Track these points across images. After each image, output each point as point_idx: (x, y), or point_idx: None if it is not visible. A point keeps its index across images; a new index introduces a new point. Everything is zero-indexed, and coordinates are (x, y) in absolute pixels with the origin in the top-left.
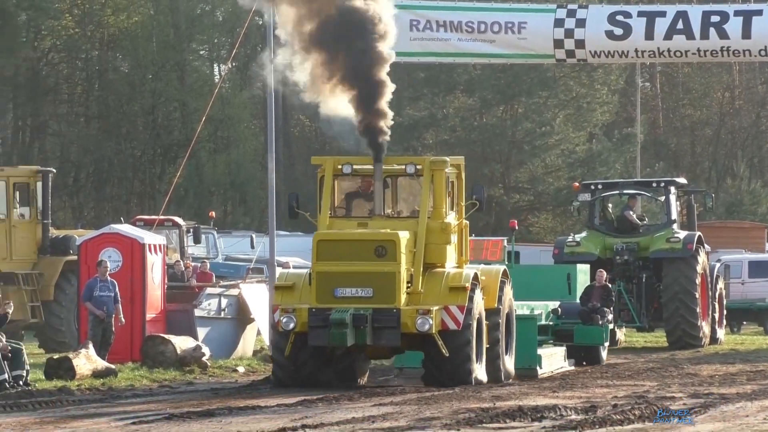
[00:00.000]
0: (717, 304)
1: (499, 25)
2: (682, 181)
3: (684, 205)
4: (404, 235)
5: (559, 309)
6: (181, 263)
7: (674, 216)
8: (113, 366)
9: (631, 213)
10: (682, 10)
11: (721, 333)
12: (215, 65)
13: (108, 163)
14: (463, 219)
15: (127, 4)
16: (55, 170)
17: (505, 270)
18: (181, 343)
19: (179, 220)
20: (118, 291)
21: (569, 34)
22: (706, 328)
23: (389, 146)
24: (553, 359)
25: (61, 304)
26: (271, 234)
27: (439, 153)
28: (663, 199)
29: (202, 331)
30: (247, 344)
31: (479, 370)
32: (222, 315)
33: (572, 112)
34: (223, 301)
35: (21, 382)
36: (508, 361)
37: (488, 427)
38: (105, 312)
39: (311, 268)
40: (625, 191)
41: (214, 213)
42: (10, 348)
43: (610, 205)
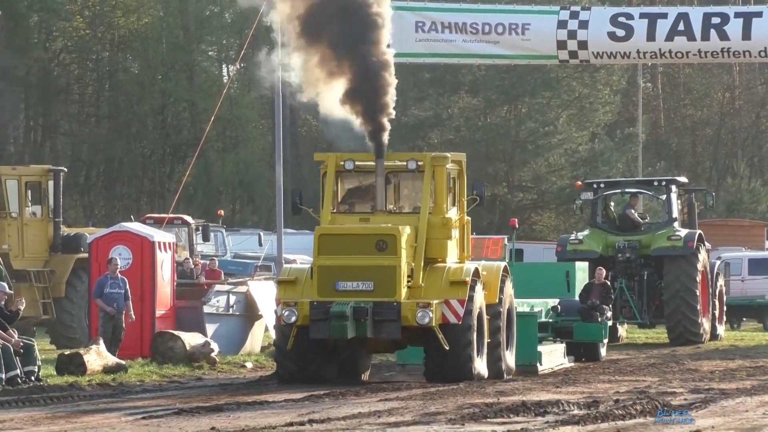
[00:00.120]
0: (717, 301)
1: (503, 27)
2: (683, 180)
3: (685, 203)
4: (405, 229)
5: (558, 306)
6: (191, 261)
7: (675, 214)
8: (123, 362)
9: (633, 211)
10: (683, 12)
11: (721, 329)
12: (224, 66)
13: (118, 162)
14: (465, 215)
15: (137, 5)
16: (66, 169)
17: (506, 266)
18: (190, 339)
19: (188, 218)
20: (128, 288)
21: (572, 35)
22: (706, 325)
23: (394, 145)
24: (553, 356)
25: (72, 301)
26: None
27: (443, 152)
28: (664, 197)
29: (210, 328)
30: (255, 340)
31: (480, 365)
32: (230, 312)
33: (575, 112)
34: (232, 298)
35: (33, 378)
36: (509, 357)
37: (492, 422)
38: (115, 309)
39: (313, 262)
40: (626, 190)
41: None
42: (22, 344)
43: (612, 203)
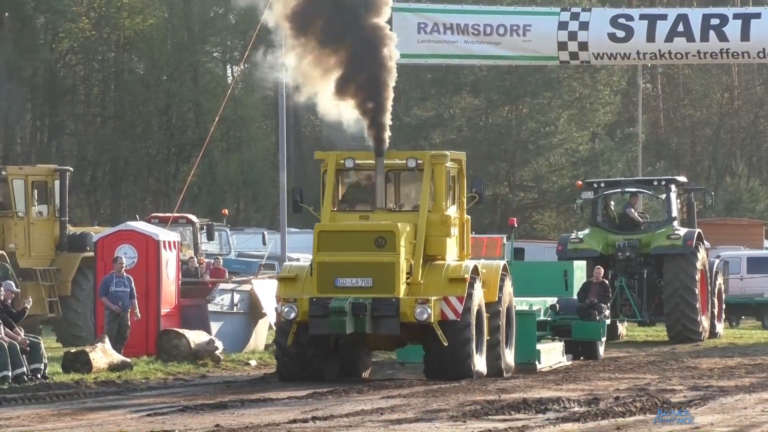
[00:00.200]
0: (716, 300)
1: (504, 28)
2: (682, 179)
3: (684, 202)
4: (404, 226)
5: (557, 305)
6: (195, 259)
7: (675, 213)
8: (129, 359)
9: (633, 210)
10: (682, 13)
11: (720, 327)
12: (228, 67)
13: (124, 161)
14: (465, 214)
15: (143, 7)
16: (72, 169)
17: (505, 265)
18: (195, 337)
19: (193, 217)
20: (134, 286)
21: (573, 36)
22: (705, 323)
23: (397, 145)
24: (552, 354)
25: (78, 300)
26: (282, 231)
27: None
28: (664, 197)
29: (215, 326)
30: (259, 338)
31: (479, 362)
32: (234, 310)
33: (575, 112)
34: (236, 297)
35: (39, 375)
36: (509, 355)
37: (494, 419)
38: (120, 307)
39: (312, 259)
40: (626, 189)
41: (227, 210)
42: (28, 342)
43: (612, 202)
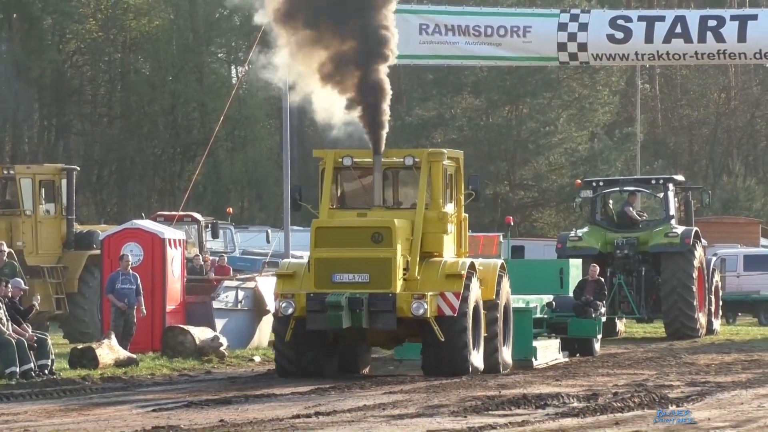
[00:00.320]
0: (713, 297)
1: (505, 29)
2: (679, 178)
3: (682, 201)
4: (400, 222)
5: (553, 302)
6: (200, 257)
7: (672, 212)
8: (134, 356)
9: (631, 209)
10: (680, 15)
11: (717, 324)
12: (232, 67)
13: (130, 161)
14: (463, 212)
15: (149, 8)
16: (79, 168)
17: (502, 263)
18: (200, 333)
19: (198, 215)
20: (140, 284)
21: (572, 37)
22: (702, 320)
23: (399, 144)
24: (548, 351)
25: (85, 297)
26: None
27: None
28: (662, 195)
29: (219, 323)
30: (262, 335)
31: (476, 358)
32: (239, 307)
33: (575, 112)
34: (240, 294)
35: (46, 371)
36: (506, 352)
37: (494, 414)
38: (126, 304)
39: (310, 255)
40: (625, 188)
41: (231, 209)
42: (35, 338)
43: (610, 201)
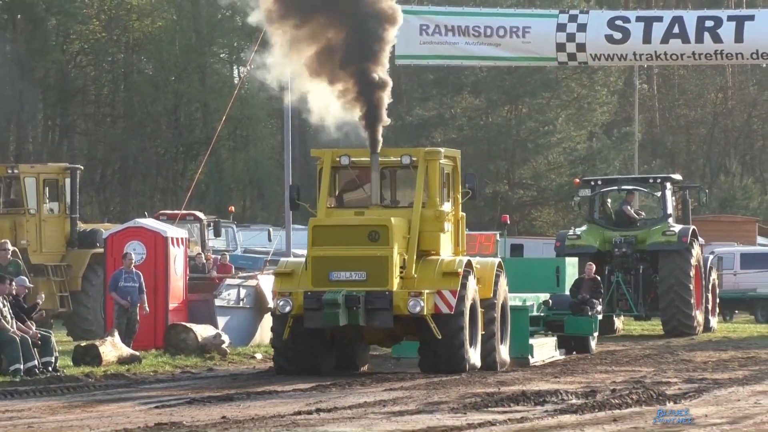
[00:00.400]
0: (710, 294)
1: (504, 30)
2: (677, 177)
3: (679, 200)
4: (397, 220)
5: (550, 300)
6: (203, 255)
7: (670, 210)
8: (137, 353)
9: (629, 208)
10: (678, 15)
11: (714, 321)
12: (235, 67)
13: (133, 160)
14: (460, 210)
15: (152, 9)
16: (82, 167)
17: (500, 262)
18: (202, 331)
19: (200, 214)
20: (143, 282)
21: (571, 38)
22: (699, 317)
23: (399, 143)
24: (545, 349)
25: (88, 295)
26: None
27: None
28: (659, 194)
29: (221, 320)
30: (264, 332)
31: (473, 355)
32: (241, 305)
33: (573, 112)
34: (242, 292)
35: (50, 368)
36: (503, 350)
37: (493, 411)
38: (129, 302)
39: (307, 254)
40: (623, 187)
41: (233, 208)
42: (39, 336)
43: (609, 200)
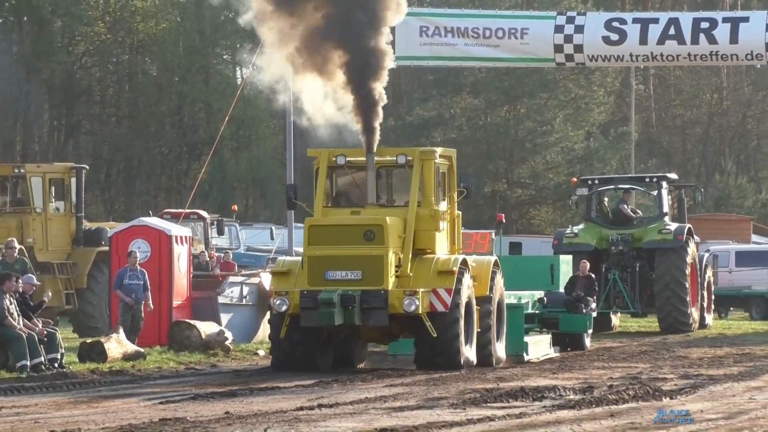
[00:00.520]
0: (706, 292)
1: (503, 31)
2: (673, 176)
3: (675, 198)
4: (392, 219)
5: (545, 298)
6: (206, 253)
7: (666, 209)
8: (142, 349)
9: (626, 206)
10: (674, 17)
11: (709, 318)
12: (238, 68)
13: (137, 160)
14: (456, 209)
15: (156, 11)
16: (88, 167)
17: (496, 260)
18: (206, 328)
19: (204, 213)
20: (147, 279)
21: (568, 39)
22: (695, 314)
23: (399, 143)
24: (539, 346)
25: (94, 292)
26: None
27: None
28: (655, 193)
29: (225, 317)
30: (267, 329)
31: (469, 352)
32: (244, 302)
33: (571, 112)
34: (245, 289)
35: (56, 365)
36: (500, 348)
37: (492, 407)
38: (134, 299)
39: (303, 253)
40: (620, 186)
41: (236, 207)
42: (45, 332)
43: (606, 199)
